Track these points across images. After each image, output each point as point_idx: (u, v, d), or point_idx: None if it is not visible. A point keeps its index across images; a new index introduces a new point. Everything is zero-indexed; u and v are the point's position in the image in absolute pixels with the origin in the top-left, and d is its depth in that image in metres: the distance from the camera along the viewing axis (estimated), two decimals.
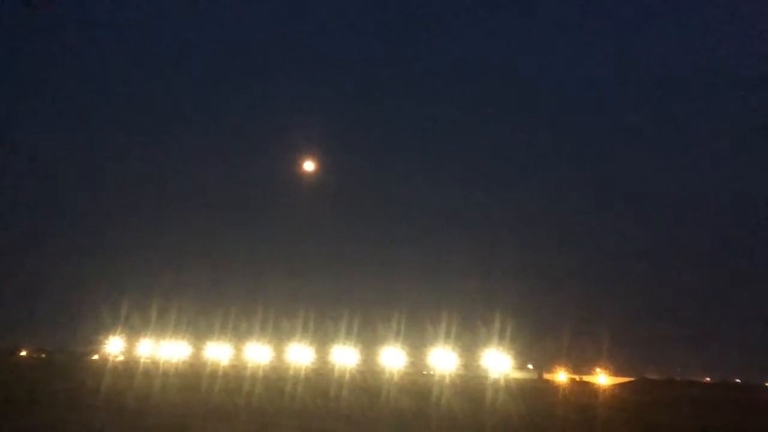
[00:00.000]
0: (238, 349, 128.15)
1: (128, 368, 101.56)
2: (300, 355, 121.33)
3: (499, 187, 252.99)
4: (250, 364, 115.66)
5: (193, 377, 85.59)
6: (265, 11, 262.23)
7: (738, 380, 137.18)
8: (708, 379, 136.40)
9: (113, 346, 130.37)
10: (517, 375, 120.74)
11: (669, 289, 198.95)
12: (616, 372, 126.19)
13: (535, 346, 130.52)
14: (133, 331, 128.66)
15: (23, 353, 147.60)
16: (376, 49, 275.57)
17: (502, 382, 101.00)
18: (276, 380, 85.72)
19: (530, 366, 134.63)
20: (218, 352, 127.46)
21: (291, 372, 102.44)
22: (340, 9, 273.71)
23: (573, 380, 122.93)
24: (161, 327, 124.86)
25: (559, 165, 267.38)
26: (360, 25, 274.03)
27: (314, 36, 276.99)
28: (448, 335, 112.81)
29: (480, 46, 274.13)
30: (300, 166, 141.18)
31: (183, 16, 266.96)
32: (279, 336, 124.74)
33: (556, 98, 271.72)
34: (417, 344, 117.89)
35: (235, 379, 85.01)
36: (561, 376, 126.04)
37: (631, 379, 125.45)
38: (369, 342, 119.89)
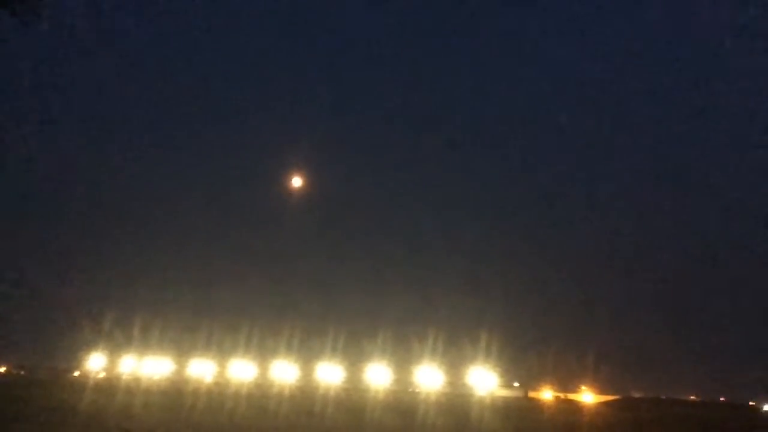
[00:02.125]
0: (222, 366, 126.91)
1: (110, 385, 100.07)
2: (285, 372, 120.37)
3: (487, 204, 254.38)
4: (234, 382, 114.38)
5: (175, 395, 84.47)
6: (256, 21, 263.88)
7: (723, 399, 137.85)
8: (693, 397, 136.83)
9: (95, 363, 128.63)
10: (503, 393, 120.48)
11: (655, 307, 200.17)
12: (602, 390, 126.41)
13: (521, 364, 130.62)
14: (115, 348, 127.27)
15: (2, 369, 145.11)
16: (367, 62, 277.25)
17: (487, 399, 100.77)
18: (260, 398, 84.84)
19: (516, 384, 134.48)
20: (202, 369, 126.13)
21: (275, 389, 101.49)
22: (335, 18, 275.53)
23: (558, 398, 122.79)
24: (144, 343, 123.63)
25: (546, 183, 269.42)
26: (354, 35, 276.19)
27: (304, 47, 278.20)
28: (434, 352, 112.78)
29: (475, 55, 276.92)
30: (287, 181, 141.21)
31: (172, 26, 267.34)
32: (263, 353, 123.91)
33: (550, 107, 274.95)
34: (403, 361, 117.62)
35: (218, 396, 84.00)
36: (547, 394, 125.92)
37: (617, 397, 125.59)
38: (354, 359, 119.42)
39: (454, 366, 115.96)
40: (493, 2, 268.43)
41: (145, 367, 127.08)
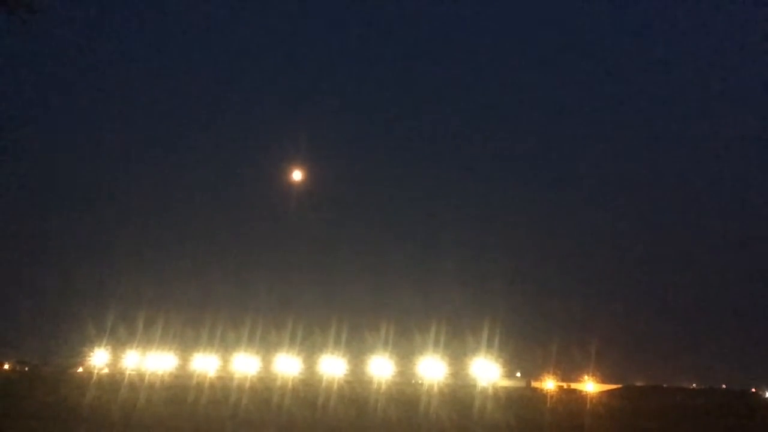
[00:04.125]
0: (225, 360, 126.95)
1: (113, 381, 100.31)
2: (288, 365, 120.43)
3: (489, 197, 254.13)
4: (237, 375, 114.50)
5: (179, 389, 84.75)
6: (256, 19, 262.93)
7: (724, 386, 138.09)
8: (694, 385, 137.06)
9: (98, 359, 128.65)
10: (506, 383, 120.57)
11: (657, 297, 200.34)
12: (604, 379, 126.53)
13: (524, 355, 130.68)
14: (118, 343, 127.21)
15: (6, 366, 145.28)
16: (367, 57, 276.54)
17: (490, 390, 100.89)
18: (263, 391, 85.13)
19: (519, 374, 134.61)
20: (205, 364, 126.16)
21: (278, 383, 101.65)
22: (333, 16, 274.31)
23: (561, 388, 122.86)
24: (147, 338, 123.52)
25: (549, 175, 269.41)
26: (352, 33, 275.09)
27: (305, 43, 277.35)
28: (437, 344, 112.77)
29: (473, 54, 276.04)
30: (288, 175, 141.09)
31: (171, 24, 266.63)
32: (266, 346, 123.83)
33: (549, 103, 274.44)
34: (406, 353, 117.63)
35: (221, 390, 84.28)
36: (549, 384, 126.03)
37: (619, 386, 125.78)
38: (357, 351, 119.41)
39: (457, 357, 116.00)
40: (494, 4, 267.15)
41: (149, 362, 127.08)
